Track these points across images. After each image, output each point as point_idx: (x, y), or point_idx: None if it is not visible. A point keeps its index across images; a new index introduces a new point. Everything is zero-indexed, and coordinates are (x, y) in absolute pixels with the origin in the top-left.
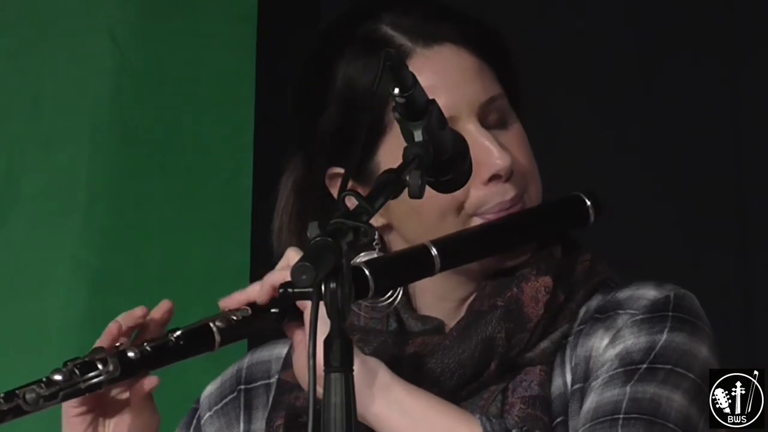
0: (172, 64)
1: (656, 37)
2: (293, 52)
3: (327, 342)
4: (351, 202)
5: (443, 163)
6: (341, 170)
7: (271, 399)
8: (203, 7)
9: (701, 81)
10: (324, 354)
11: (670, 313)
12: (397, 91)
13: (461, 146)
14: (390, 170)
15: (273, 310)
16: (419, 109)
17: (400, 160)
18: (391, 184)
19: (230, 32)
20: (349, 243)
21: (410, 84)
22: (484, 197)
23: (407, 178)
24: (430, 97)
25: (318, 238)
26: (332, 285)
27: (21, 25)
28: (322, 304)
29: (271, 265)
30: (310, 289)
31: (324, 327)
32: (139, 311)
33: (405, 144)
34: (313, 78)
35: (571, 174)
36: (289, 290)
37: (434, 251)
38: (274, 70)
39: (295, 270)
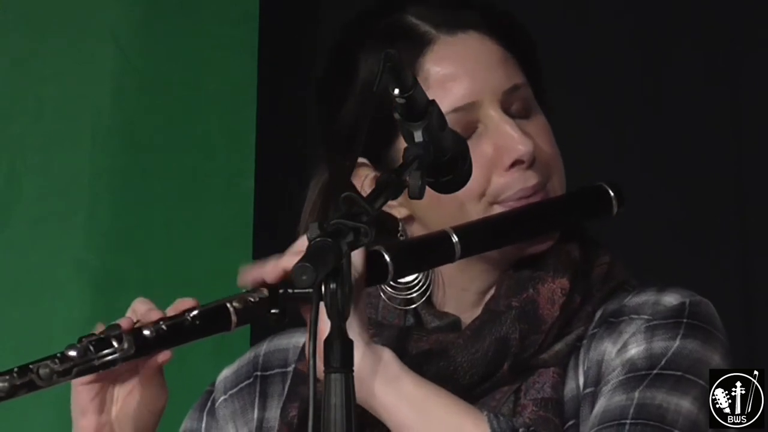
0: (174, 66)
1: (656, 37)
2: (295, 53)
3: (327, 342)
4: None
5: (443, 163)
6: (364, 160)
7: (286, 388)
8: (205, 10)
9: (701, 81)
10: (324, 354)
11: (684, 320)
12: (397, 91)
13: (461, 147)
14: (391, 170)
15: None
16: (419, 109)
17: None
18: (392, 185)
19: (232, 34)
20: (348, 243)
21: (410, 85)
22: (506, 184)
23: (407, 178)
24: (452, 84)
25: (318, 239)
26: (332, 285)
27: (24, 28)
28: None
29: None
30: (310, 290)
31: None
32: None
33: None
34: (337, 71)
35: (570, 174)
36: (289, 290)
37: (455, 238)
38: (276, 72)
39: (295, 270)
